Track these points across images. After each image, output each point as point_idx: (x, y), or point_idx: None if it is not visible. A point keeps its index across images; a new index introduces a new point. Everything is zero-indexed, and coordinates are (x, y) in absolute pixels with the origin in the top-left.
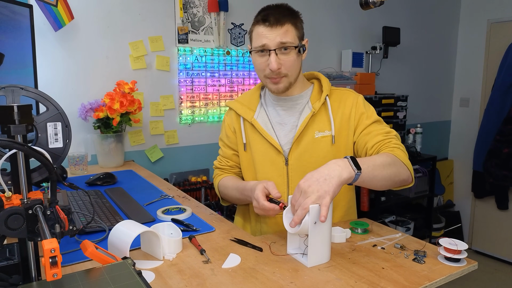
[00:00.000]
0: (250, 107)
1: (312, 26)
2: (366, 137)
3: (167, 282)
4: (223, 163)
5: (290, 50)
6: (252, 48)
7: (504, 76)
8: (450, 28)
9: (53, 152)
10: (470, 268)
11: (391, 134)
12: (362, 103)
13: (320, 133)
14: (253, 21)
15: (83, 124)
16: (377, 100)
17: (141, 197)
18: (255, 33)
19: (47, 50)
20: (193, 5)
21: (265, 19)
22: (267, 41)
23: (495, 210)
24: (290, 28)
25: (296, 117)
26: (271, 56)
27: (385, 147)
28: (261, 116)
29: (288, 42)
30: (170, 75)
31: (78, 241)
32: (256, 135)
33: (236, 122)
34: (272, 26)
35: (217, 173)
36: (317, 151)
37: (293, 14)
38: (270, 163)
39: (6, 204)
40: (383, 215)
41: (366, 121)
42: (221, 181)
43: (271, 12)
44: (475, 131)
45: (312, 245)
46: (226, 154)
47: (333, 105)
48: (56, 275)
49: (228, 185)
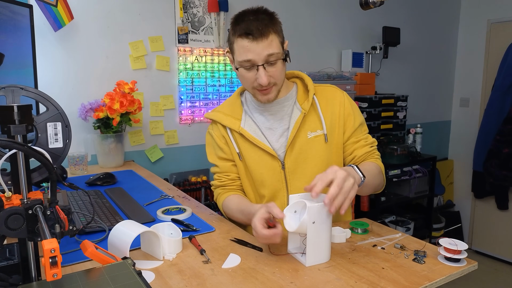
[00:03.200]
0: (234, 116)
1: (312, 26)
2: (354, 145)
3: (167, 282)
4: (223, 180)
5: (277, 61)
6: (236, 62)
7: (504, 76)
8: (450, 28)
9: (53, 152)
10: (470, 268)
11: (374, 145)
12: (348, 103)
13: (312, 133)
14: (232, 30)
15: (83, 124)
16: (377, 100)
17: (141, 197)
18: (239, 46)
19: (47, 50)
20: (193, 5)
21: (248, 31)
22: (253, 56)
23: (495, 210)
24: (274, 37)
25: (286, 120)
26: (260, 71)
27: (371, 157)
28: (248, 124)
29: (274, 54)
30: (170, 75)
31: (78, 241)
32: (247, 144)
33: (225, 133)
34: (257, 39)
35: (219, 192)
36: (312, 151)
37: (272, 19)
38: (267, 169)
39: (6, 204)
40: (383, 215)
41: (354, 124)
42: (224, 202)
43: (251, 23)
44: (475, 131)
45: (311, 245)
46: (224, 168)
47: (321, 103)
48: (56, 275)
49: (232, 208)
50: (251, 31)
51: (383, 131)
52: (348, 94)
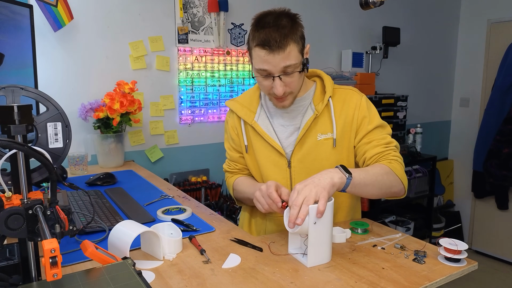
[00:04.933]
0: (250, 108)
1: (312, 26)
2: (366, 146)
3: (167, 282)
4: (232, 167)
5: (294, 72)
6: (253, 68)
7: (504, 76)
8: (450, 28)
9: (53, 152)
10: (470, 268)
11: (391, 145)
12: (365, 105)
13: (322, 135)
14: (251, 35)
15: (83, 124)
16: (377, 100)
17: (141, 197)
18: (256, 54)
19: (47, 50)
20: (193, 5)
21: (266, 43)
22: (269, 67)
23: (495, 210)
24: (293, 47)
25: (299, 119)
26: (276, 81)
27: (384, 159)
28: (262, 118)
29: (292, 65)
30: (170, 75)
31: (78, 241)
32: (258, 138)
33: (238, 124)
34: (274, 52)
35: (228, 175)
36: (320, 153)
37: (293, 26)
38: (273, 165)
39: (6, 204)
40: (383, 215)
41: (368, 126)
42: (236, 180)
43: (270, 33)
44: (475, 131)
45: (312, 245)
46: (233, 157)
47: (336, 106)
48: (56, 275)
49: (244, 183)
50: (268, 43)
51: None
52: (367, 97)
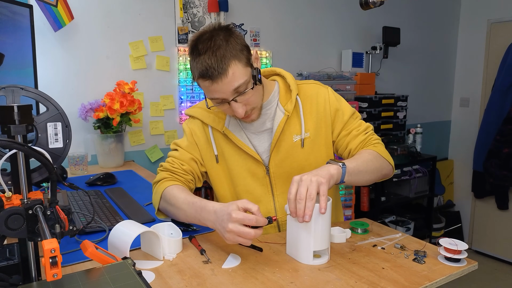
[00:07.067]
0: (218, 114)
1: (312, 26)
2: (347, 138)
3: (167, 282)
4: (176, 165)
5: (248, 89)
6: (206, 97)
7: (504, 76)
8: (450, 28)
9: (53, 152)
10: (470, 268)
11: (369, 130)
12: (334, 97)
13: (298, 136)
14: (191, 67)
15: (83, 124)
16: (377, 100)
17: (141, 197)
18: (201, 85)
19: (47, 50)
20: (193, 5)
21: (205, 74)
22: (219, 95)
23: (495, 210)
24: (235, 66)
25: (270, 122)
26: (232, 105)
27: (368, 145)
28: (233, 125)
29: (241, 85)
30: (170, 75)
31: (78, 241)
32: (230, 146)
33: (202, 132)
34: (217, 79)
35: (164, 176)
36: (299, 154)
37: (229, 41)
38: (251, 174)
39: (6, 204)
40: (383, 215)
41: (343, 118)
42: (170, 188)
43: (207, 60)
44: (475, 131)
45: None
46: (183, 156)
47: (305, 103)
48: (56, 275)
49: (179, 196)
50: (207, 73)
51: (383, 131)
52: (332, 89)
